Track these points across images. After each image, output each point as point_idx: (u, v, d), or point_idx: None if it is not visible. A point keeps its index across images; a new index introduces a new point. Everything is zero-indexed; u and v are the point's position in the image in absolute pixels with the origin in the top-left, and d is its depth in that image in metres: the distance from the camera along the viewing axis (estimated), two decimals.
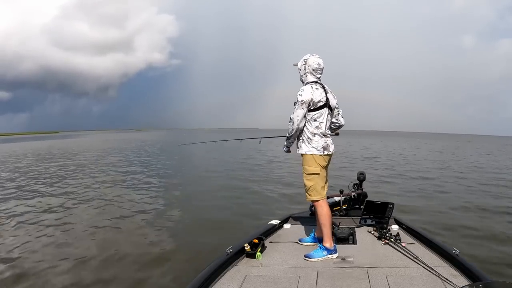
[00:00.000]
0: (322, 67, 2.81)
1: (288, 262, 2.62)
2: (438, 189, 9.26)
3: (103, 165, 15.08)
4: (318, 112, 2.74)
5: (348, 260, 2.61)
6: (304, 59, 2.82)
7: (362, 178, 4.09)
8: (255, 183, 10.04)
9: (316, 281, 2.27)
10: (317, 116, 2.74)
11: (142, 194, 8.51)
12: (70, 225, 5.73)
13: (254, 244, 2.74)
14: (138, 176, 11.76)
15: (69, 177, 11.51)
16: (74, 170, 13.23)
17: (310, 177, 2.79)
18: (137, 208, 6.93)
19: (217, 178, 11.03)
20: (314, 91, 2.71)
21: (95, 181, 10.54)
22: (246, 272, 2.43)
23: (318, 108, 2.73)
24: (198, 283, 2.13)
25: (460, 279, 2.22)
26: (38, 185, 9.88)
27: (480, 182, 10.65)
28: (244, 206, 7.10)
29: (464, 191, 8.98)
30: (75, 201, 7.66)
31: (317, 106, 2.73)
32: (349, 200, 3.83)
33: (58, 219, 6.14)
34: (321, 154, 2.76)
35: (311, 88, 2.72)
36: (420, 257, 2.54)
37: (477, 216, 6.40)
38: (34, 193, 8.77)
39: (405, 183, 10.24)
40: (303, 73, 2.82)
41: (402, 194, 8.41)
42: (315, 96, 2.71)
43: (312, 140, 2.76)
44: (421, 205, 7.12)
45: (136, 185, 9.87)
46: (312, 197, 2.81)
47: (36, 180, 10.90)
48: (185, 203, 7.63)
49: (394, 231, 3.19)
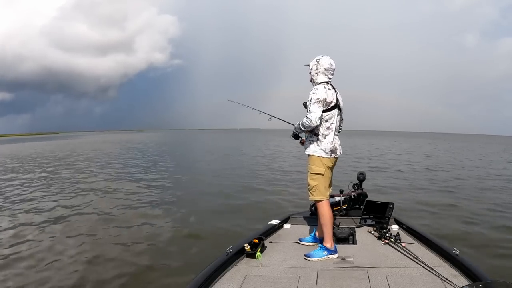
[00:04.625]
0: (334, 68, 2.79)
1: (288, 262, 2.62)
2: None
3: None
4: (329, 113, 2.72)
5: (348, 260, 2.61)
6: (317, 59, 2.80)
7: (362, 178, 4.08)
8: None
9: (316, 281, 2.27)
10: (329, 117, 2.73)
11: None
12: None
13: (254, 244, 2.74)
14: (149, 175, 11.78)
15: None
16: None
17: (314, 177, 2.79)
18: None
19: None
20: (327, 91, 2.70)
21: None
22: (246, 272, 2.43)
23: (330, 108, 2.72)
24: (198, 283, 2.14)
25: (460, 279, 2.22)
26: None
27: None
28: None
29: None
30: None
31: (329, 107, 2.71)
32: (349, 200, 3.82)
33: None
34: (328, 157, 2.75)
35: (324, 88, 2.70)
36: (420, 257, 2.54)
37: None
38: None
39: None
40: (315, 72, 2.79)
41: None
42: (328, 96, 2.69)
43: (322, 141, 2.74)
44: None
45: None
46: (315, 197, 2.81)
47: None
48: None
49: (394, 231, 3.19)
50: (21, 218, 6.28)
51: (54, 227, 5.65)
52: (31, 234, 5.30)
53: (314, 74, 2.80)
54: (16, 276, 3.85)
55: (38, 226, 5.69)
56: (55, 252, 4.55)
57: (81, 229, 5.51)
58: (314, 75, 2.81)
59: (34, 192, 8.96)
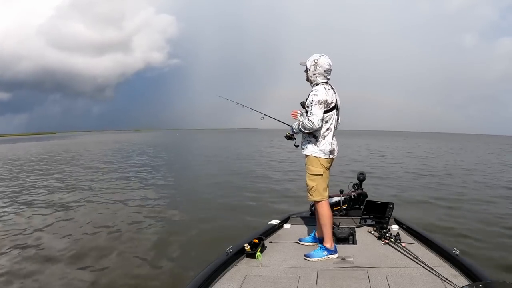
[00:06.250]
0: (331, 68, 2.75)
1: (288, 262, 2.62)
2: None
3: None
4: (329, 114, 2.70)
5: (348, 260, 2.61)
6: (314, 59, 2.73)
7: (362, 178, 4.08)
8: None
9: (316, 281, 2.27)
10: (328, 117, 2.70)
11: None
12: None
13: (254, 244, 2.73)
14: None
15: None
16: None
17: (313, 178, 2.77)
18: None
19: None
20: (327, 92, 2.67)
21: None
22: (246, 272, 2.43)
23: (330, 109, 2.70)
24: (198, 283, 2.13)
25: (460, 279, 2.22)
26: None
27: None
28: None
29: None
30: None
31: (329, 108, 2.69)
32: (349, 200, 3.82)
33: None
34: (326, 158, 2.74)
35: (324, 89, 2.67)
36: (420, 257, 2.54)
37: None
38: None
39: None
40: (313, 73, 2.74)
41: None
42: (329, 97, 2.66)
43: (320, 142, 2.72)
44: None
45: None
46: (314, 197, 2.80)
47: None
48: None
49: (394, 231, 3.19)
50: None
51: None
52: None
53: (313, 75, 2.74)
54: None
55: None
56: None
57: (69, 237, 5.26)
58: (312, 76, 2.75)
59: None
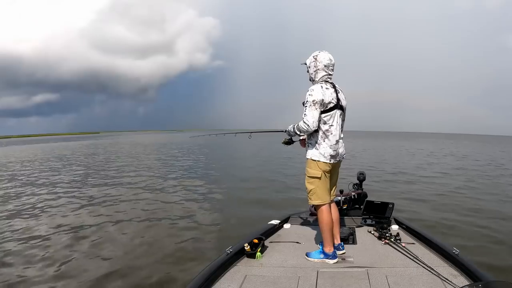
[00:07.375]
0: (333, 63, 2.65)
1: (288, 262, 2.62)
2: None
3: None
4: (328, 114, 2.57)
5: (348, 260, 2.61)
6: (314, 55, 2.66)
7: (362, 178, 4.09)
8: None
9: (316, 281, 2.27)
10: (327, 118, 2.58)
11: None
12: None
13: (254, 244, 2.74)
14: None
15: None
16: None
17: (311, 180, 2.67)
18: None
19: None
20: (324, 91, 2.55)
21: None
22: (246, 272, 2.43)
23: (329, 109, 2.57)
24: (198, 283, 2.14)
25: (460, 279, 2.22)
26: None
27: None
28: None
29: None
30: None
31: (328, 108, 2.56)
32: (349, 200, 3.83)
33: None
34: (325, 162, 2.62)
35: (321, 87, 2.56)
36: (420, 257, 2.54)
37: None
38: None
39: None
40: (313, 70, 2.65)
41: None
42: (326, 96, 2.54)
43: (321, 145, 2.61)
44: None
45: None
46: (313, 201, 2.70)
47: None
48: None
49: (394, 231, 3.19)
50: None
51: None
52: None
53: (313, 72, 2.67)
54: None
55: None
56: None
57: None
58: (312, 73, 2.68)
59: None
